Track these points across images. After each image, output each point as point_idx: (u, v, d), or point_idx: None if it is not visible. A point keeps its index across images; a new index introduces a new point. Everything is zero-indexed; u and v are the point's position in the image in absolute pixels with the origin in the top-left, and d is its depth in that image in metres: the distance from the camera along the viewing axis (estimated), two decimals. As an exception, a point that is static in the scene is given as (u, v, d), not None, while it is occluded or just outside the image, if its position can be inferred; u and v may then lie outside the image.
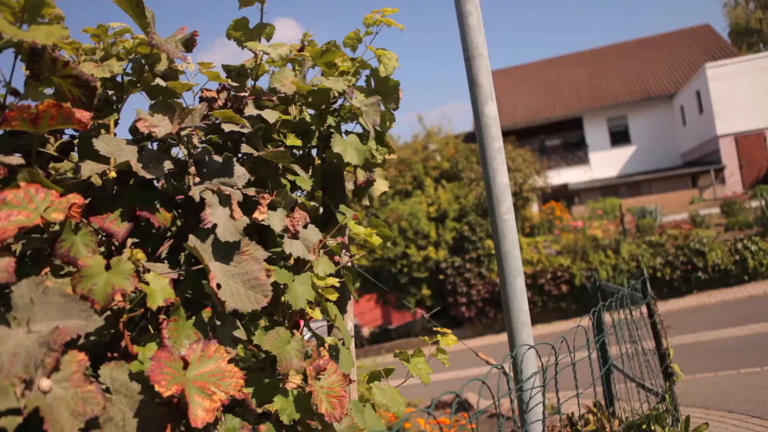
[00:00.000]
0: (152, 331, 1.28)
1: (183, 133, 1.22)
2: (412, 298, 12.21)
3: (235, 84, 1.42)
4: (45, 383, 0.83)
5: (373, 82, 1.71)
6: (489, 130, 1.60)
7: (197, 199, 1.21)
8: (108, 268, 1.03)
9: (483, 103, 1.60)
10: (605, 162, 26.22)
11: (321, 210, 1.74)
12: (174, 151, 1.41)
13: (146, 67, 1.28)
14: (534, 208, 16.46)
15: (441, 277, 12.42)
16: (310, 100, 1.64)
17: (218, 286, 1.18)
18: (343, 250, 1.63)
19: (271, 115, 1.37)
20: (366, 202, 1.72)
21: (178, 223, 1.40)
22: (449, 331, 1.69)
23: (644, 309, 2.94)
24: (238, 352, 1.52)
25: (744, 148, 20.94)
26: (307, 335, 1.55)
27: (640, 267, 11.49)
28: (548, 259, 12.07)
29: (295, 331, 1.48)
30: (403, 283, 12.19)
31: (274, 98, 1.46)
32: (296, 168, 1.42)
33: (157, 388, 0.94)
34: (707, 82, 20.86)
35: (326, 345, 1.51)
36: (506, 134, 20.51)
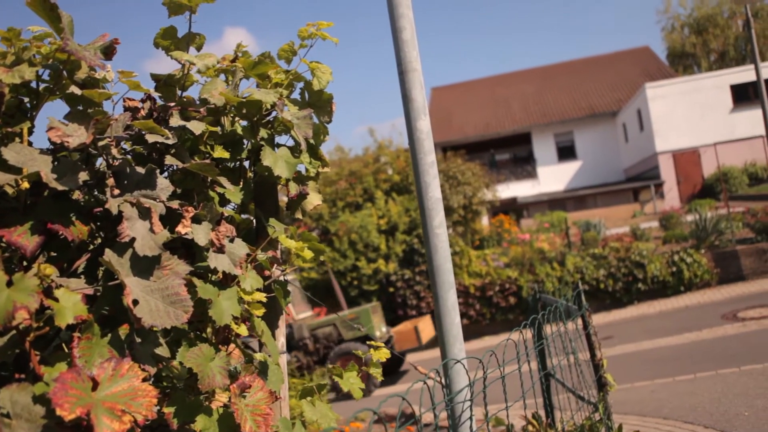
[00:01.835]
0: (66, 350, 1.22)
1: (100, 143, 1.18)
2: (362, 310, 12.18)
3: (158, 94, 1.38)
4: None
5: (307, 95, 1.70)
6: (422, 145, 1.61)
7: (114, 212, 1.17)
8: (11, 284, 0.98)
9: (416, 117, 1.62)
10: (553, 176, 27.00)
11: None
12: (101, 161, 1.36)
13: (65, 73, 1.24)
14: (484, 221, 16.74)
15: (391, 289, 12.43)
16: (244, 111, 1.62)
17: (135, 302, 1.14)
18: (274, 265, 1.61)
19: (196, 127, 1.35)
20: (299, 215, 1.70)
21: (102, 236, 1.35)
22: (383, 345, 1.69)
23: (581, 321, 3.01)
24: (172, 370, 1.47)
25: (681, 165, 21.96)
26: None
27: (584, 279, 11.84)
28: (497, 271, 12.28)
29: (222, 347, 1.44)
30: (353, 295, 12.14)
31: (202, 109, 1.43)
32: (223, 181, 1.39)
33: (58, 411, 0.89)
34: (647, 101, 21.82)
35: (255, 361, 1.48)
36: (457, 148, 20.83)
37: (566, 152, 27.58)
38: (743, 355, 6.35)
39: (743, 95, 21.07)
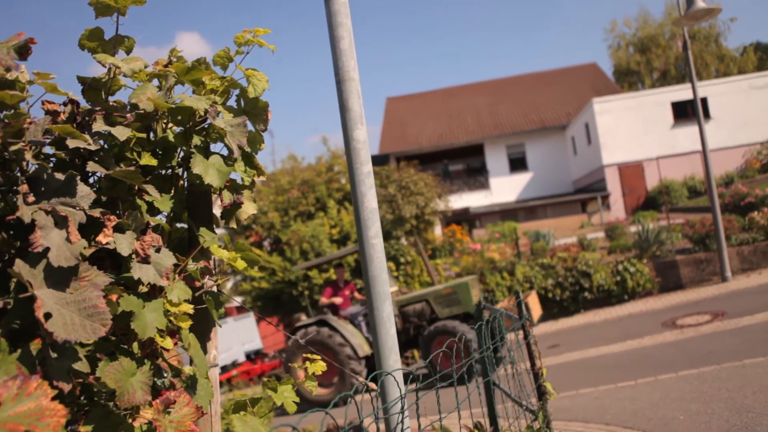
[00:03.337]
0: (-27, 367, 1.15)
1: (12, 147, 1.12)
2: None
3: (76, 97, 1.33)
4: None
5: (243, 102, 1.68)
6: (358, 154, 1.60)
7: (27, 220, 1.11)
8: None
9: (353, 127, 1.61)
10: (504, 187, 27.53)
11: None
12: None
13: (-22, 74, 1.17)
14: (437, 231, 16.89)
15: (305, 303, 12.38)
16: (179, 118, 1.58)
17: (48, 315, 1.08)
18: (207, 275, 1.56)
19: (121, 132, 1.30)
20: (233, 225, 1.66)
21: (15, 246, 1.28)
22: (318, 357, 1.66)
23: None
24: (94, 387, 1.40)
25: (626, 177, 22.76)
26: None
27: (534, 288, 12.08)
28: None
29: (147, 361, 1.39)
30: (304, 306, 12.01)
31: (129, 115, 1.38)
32: (150, 189, 1.35)
33: (-50, 434, 0.83)
34: (594, 115, 22.57)
35: (183, 375, 1.43)
36: (411, 158, 21.00)
37: (518, 164, 28.21)
38: (681, 360, 6.59)
39: (683, 112, 22.07)
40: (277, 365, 13.09)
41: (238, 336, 10.81)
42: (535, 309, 9.27)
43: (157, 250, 1.34)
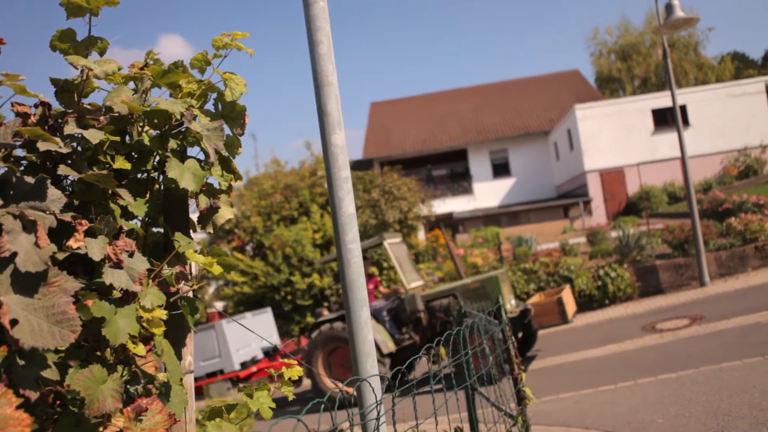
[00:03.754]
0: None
1: (-21, 150, 1.10)
2: (296, 326, 11.95)
3: (48, 100, 1.31)
4: None
5: (220, 106, 1.66)
6: (336, 159, 1.60)
7: (-6, 224, 1.09)
8: None
9: (331, 131, 1.60)
10: (488, 192, 27.69)
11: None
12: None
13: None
14: (420, 236, 16.91)
15: (326, 304, 12.32)
16: (155, 121, 1.56)
17: (15, 321, 1.06)
18: (182, 281, 1.54)
19: (94, 135, 1.28)
20: (210, 230, 1.64)
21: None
22: (295, 362, 1.65)
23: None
24: (67, 394, 1.37)
25: (608, 183, 23.03)
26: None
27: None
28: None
29: (121, 367, 1.37)
30: (287, 310, 11.93)
31: (102, 117, 1.36)
32: (123, 192, 1.33)
33: None
34: (576, 122, 22.81)
35: (156, 382, 1.41)
36: (395, 163, 21.04)
37: (501, 169, 28.41)
38: (660, 364, 6.66)
39: (663, 119, 22.41)
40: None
41: (256, 332, 10.46)
42: (570, 304, 8.61)
43: (130, 255, 1.32)
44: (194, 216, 1.72)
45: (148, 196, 1.55)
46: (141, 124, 1.59)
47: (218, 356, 9.51)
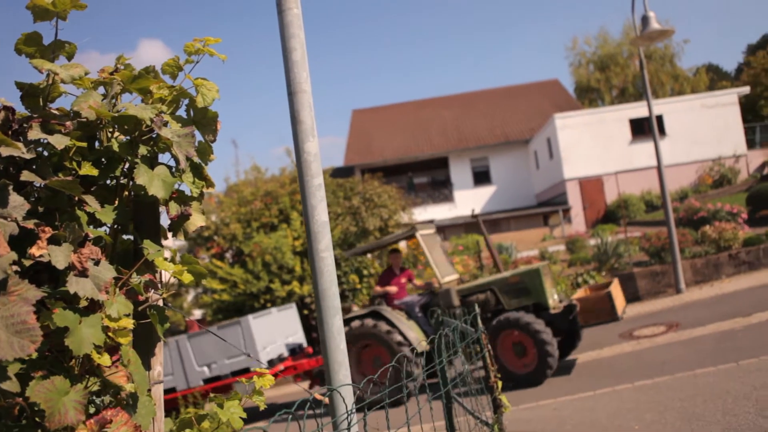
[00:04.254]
0: None
1: (-63, 155, 1.07)
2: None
3: (11, 104, 1.28)
4: None
5: (192, 112, 1.65)
6: (309, 167, 1.59)
7: (-48, 231, 1.06)
8: None
9: (304, 139, 1.59)
10: (468, 200, 27.82)
11: None
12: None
13: None
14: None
15: (306, 312, 12.25)
16: (126, 127, 1.54)
17: (-28, 331, 1.03)
18: (151, 289, 1.52)
19: (59, 141, 1.26)
20: (181, 237, 1.62)
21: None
22: (267, 371, 1.63)
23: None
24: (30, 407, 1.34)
25: (587, 192, 23.30)
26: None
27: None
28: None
29: (87, 378, 1.34)
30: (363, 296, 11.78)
31: (68, 123, 1.34)
32: (90, 199, 1.30)
33: None
34: (556, 130, 23.08)
35: (123, 393, 1.38)
36: (376, 170, 21.06)
37: (482, 177, 28.60)
38: (637, 371, 6.73)
39: (640, 129, 22.78)
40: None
41: (282, 329, 9.77)
42: (619, 300, 7.82)
43: (96, 263, 1.29)
44: (165, 223, 1.70)
45: (117, 203, 1.52)
46: (110, 129, 1.57)
47: (245, 354, 8.56)
